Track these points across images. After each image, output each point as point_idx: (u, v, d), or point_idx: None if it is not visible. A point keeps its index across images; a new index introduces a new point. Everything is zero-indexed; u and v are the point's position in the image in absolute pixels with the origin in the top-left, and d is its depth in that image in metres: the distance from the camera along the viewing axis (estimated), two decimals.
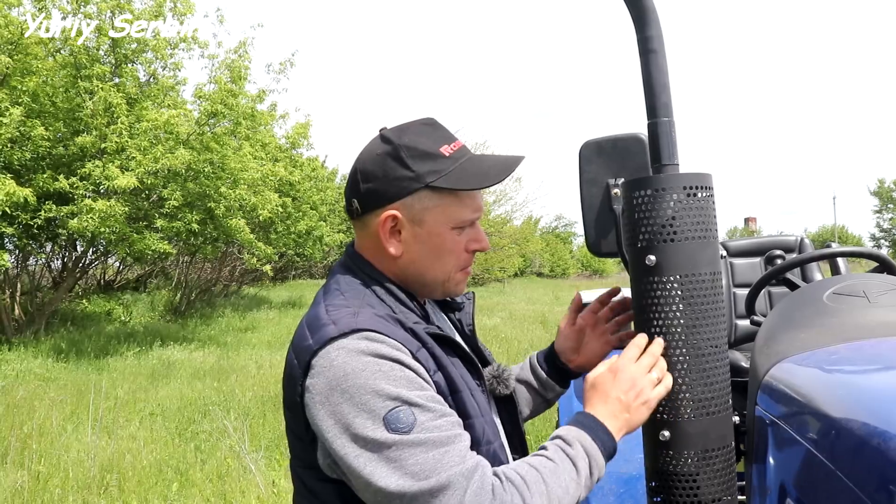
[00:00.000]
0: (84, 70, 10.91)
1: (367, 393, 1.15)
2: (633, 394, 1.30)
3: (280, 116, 16.61)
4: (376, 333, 1.21)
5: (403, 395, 1.16)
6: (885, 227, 62.09)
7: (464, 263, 1.40)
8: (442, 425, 1.17)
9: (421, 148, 1.32)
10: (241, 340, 12.81)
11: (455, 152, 1.34)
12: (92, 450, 5.42)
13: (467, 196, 1.34)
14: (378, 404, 1.15)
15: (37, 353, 10.37)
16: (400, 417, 1.15)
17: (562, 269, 54.92)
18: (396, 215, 1.32)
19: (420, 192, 1.31)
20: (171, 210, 11.63)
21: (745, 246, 4.13)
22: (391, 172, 1.31)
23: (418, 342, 1.27)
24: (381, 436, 1.14)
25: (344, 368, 1.17)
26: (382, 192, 1.32)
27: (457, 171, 1.32)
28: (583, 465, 1.22)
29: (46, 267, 14.75)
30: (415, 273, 1.37)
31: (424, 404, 1.17)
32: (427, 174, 1.31)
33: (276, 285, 25.96)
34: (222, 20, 13.44)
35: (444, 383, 1.28)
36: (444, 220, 1.33)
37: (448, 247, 1.35)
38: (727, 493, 1.37)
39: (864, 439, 1.07)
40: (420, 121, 1.39)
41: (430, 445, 1.14)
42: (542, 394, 1.69)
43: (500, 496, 1.14)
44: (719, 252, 1.40)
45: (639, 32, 1.43)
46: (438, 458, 1.14)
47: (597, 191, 1.60)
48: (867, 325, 1.64)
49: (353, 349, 1.19)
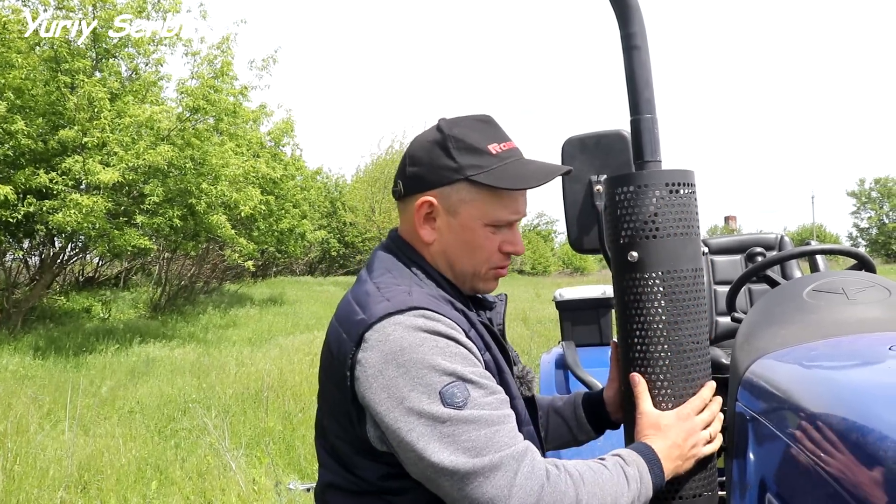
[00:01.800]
0: (64, 64, 10.79)
1: (423, 367, 1.18)
2: (690, 444, 1.34)
3: (264, 114, 16.53)
4: (432, 312, 1.24)
5: (458, 371, 1.19)
6: (862, 227, 62.84)
7: (496, 263, 1.41)
8: (493, 402, 1.20)
9: (468, 141, 1.35)
10: (222, 337, 12.72)
11: (503, 152, 1.36)
12: (70, 448, 5.36)
13: (506, 196, 1.36)
14: (434, 379, 1.17)
15: (13, 351, 10.23)
16: (455, 393, 1.17)
17: (543, 267, 55.03)
18: (433, 202, 1.35)
19: (459, 184, 1.34)
20: (151, 206, 11.53)
21: (725, 243, 4.16)
22: (436, 160, 1.35)
23: (469, 322, 1.30)
24: (436, 410, 1.16)
25: (401, 343, 1.19)
26: (424, 177, 1.36)
27: (499, 169, 1.34)
28: (634, 486, 1.25)
29: (23, 263, 14.58)
30: (444, 262, 1.39)
31: (478, 381, 1.20)
32: (468, 167, 1.33)
33: (257, 282, 25.82)
34: (205, 16, 13.34)
35: (493, 363, 1.31)
36: (478, 215, 1.35)
37: (479, 242, 1.37)
38: (707, 488, 1.38)
39: (842, 434, 1.08)
40: (476, 116, 1.42)
41: (483, 423, 1.17)
42: (575, 433, 1.69)
43: (554, 481, 1.17)
44: (701, 248, 1.40)
45: (622, 29, 1.43)
46: (490, 437, 1.16)
47: (579, 187, 1.60)
48: (846, 321, 1.65)
49: (409, 325, 1.21)
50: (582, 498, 1.17)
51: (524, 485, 1.14)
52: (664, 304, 1.33)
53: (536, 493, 1.14)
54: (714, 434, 1.38)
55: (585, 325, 3.83)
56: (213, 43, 12.93)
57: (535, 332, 12.81)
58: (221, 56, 12.52)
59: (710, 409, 1.38)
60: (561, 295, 3.91)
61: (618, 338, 1.44)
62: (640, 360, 1.37)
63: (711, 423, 1.38)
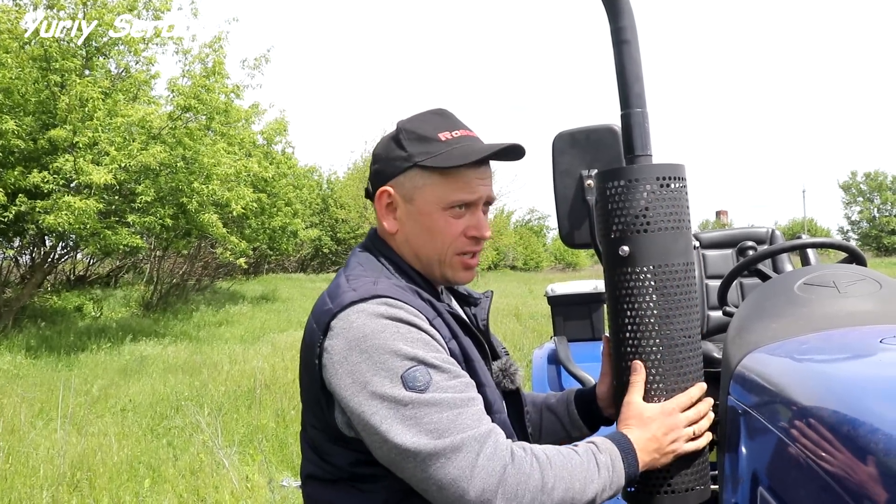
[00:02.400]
0: (55, 63, 10.73)
1: (385, 353, 1.20)
2: (670, 439, 1.34)
3: (255, 113, 16.48)
4: (394, 300, 1.27)
5: (420, 356, 1.21)
6: (853, 220, 63.13)
7: (460, 247, 1.42)
8: (456, 386, 1.22)
9: (419, 132, 1.40)
10: (215, 335, 12.70)
11: (453, 139, 1.40)
12: (62, 447, 5.34)
13: (457, 177, 1.38)
14: (396, 363, 1.20)
15: (5, 350, 10.19)
16: (416, 376, 1.19)
17: (535, 263, 55.04)
18: (390, 192, 1.40)
19: (410, 171, 1.38)
20: (142, 205, 11.49)
21: (717, 238, 4.16)
22: (390, 153, 1.41)
23: (435, 311, 1.32)
24: (398, 393, 1.18)
25: (363, 329, 1.23)
26: (382, 171, 1.42)
27: (446, 153, 1.37)
28: (605, 475, 1.25)
29: (14, 262, 14.51)
30: (410, 251, 1.43)
31: (440, 365, 1.22)
32: (417, 154, 1.38)
33: (249, 280, 25.77)
34: (196, 13, 13.31)
35: (459, 351, 1.32)
36: (433, 199, 1.38)
37: (439, 227, 1.39)
38: (700, 482, 1.38)
39: (834, 427, 1.08)
40: (432, 110, 1.47)
41: (445, 406, 1.18)
42: (569, 430, 1.69)
43: (518, 463, 1.17)
44: (692, 243, 1.40)
45: (612, 23, 1.43)
46: (453, 419, 1.18)
47: (570, 182, 1.60)
48: (837, 314, 1.65)
49: (371, 312, 1.24)
50: (547, 481, 1.18)
51: (486, 465, 1.15)
52: (655, 298, 1.33)
53: (498, 474, 1.15)
54: (699, 432, 1.37)
55: (577, 320, 3.83)
56: (204, 41, 12.89)
57: (528, 327, 12.81)
58: (213, 55, 12.48)
59: (696, 408, 1.38)
60: (553, 290, 3.91)
61: (609, 332, 1.44)
62: (631, 355, 1.37)
63: (697, 422, 1.38)
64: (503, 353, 1.58)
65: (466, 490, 1.14)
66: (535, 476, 1.17)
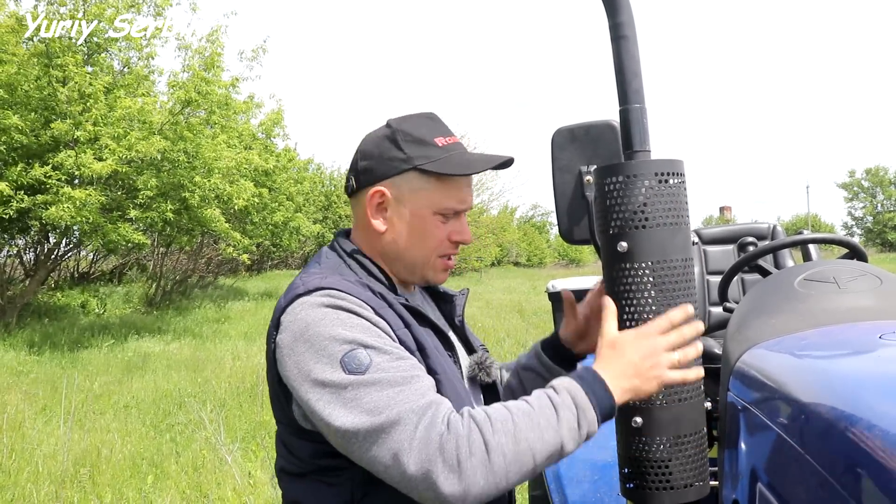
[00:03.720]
0: (56, 59, 10.74)
1: (325, 339, 1.22)
2: (650, 363, 1.25)
3: (255, 105, 16.46)
4: (337, 291, 1.28)
5: (359, 339, 1.22)
6: (857, 216, 62.99)
7: (444, 251, 1.44)
8: (399, 366, 1.21)
9: (416, 135, 1.41)
10: (218, 332, 12.72)
11: (448, 145, 1.42)
12: (65, 443, 5.36)
13: (452, 185, 1.41)
14: (335, 348, 1.21)
15: (9, 347, 10.22)
16: (356, 358, 1.19)
17: (538, 259, 55.05)
18: (384, 192, 1.40)
19: (408, 174, 1.39)
20: (144, 200, 11.50)
21: (718, 233, 4.16)
22: (385, 153, 1.41)
23: (384, 303, 1.33)
24: (338, 377, 1.19)
25: (305, 320, 1.24)
26: (375, 169, 1.41)
27: (444, 159, 1.39)
28: (567, 414, 1.18)
29: (18, 259, 14.54)
30: (395, 251, 1.43)
31: (381, 347, 1.22)
32: (417, 157, 1.39)
33: (252, 276, 25.80)
34: (195, 8, 13.27)
35: (411, 339, 1.32)
36: (427, 203, 1.40)
37: (429, 230, 1.41)
38: (699, 478, 1.38)
39: (832, 423, 1.08)
40: (422, 114, 1.48)
41: (386, 384, 1.18)
42: (547, 378, 1.62)
43: (455, 429, 1.14)
44: (691, 238, 1.40)
45: (610, 18, 1.42)
46: (393, 396, 1.16)
47: (569, 178, 1.59)
48: (837, 310, 1.65)
49: (313, 303, 1.26)
50: (490, 440, 1.13)
51: (424, 436, 1.13)
52: (654, 294, 1.32)
53: (436, 443, 1.12)
54: (684, 361, 1.27)
55: None
56: (203, 35, 12.88)
57: (531, 323, 12.84)
58: (210, 47, 12.47)
59: (679, 331, 1.27)
60: (554, 286, 3.91)
61: None
62: None
63: (681, 347, 1.27)
64: (480, 349, 1.58)
65: (407, 464, 1.12)
66: (475, 439, 1.13)
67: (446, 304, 1.60)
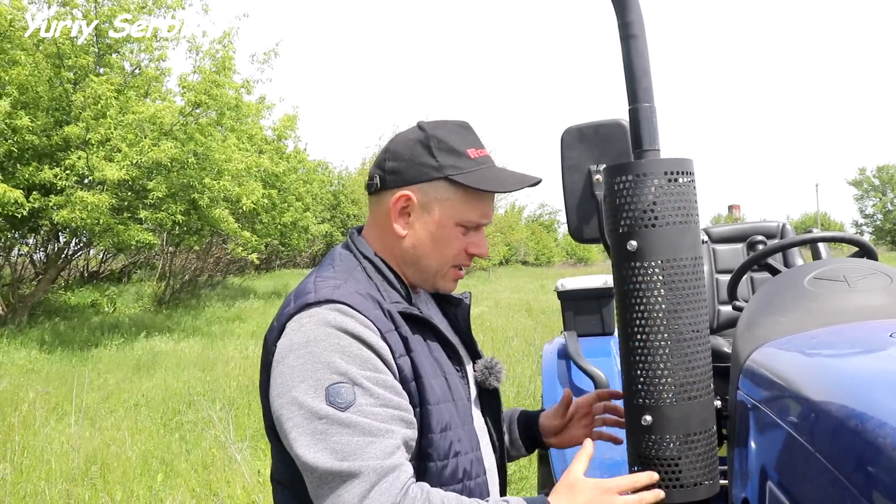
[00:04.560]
0: (68, 60, 10.78)
1: (318, 362, 1.19)
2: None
3: (266, 107, 16.49)
4: (349, 308, 1.25)
5: (351, 373, 1.19)
6: (867, 213, 62.67)
7: (459, 262, 1.44)
8: (379, 414, 1.19)
9: (450, 143, 1.39)
10: (227, 331, 12.75)
11: (479, 158, 1.41)
12: (76, 441, 5.39)
13: (479, 199, 1.40)
14: (325, 375, 1.18)
15: (20, 345, 10.28)
16: (341, 392, 1.17)
17: (546, 258, 54.97)
18: (410, 196, 1.39)
19: (437, 182, 1.38)
20: (154, 201, 11.54)
21: (727, 232, 4.15)
22: (417, 157, 1.39)
23: (392, 324, 1.30)
24: (316, 405, 1.17)
25: (307, 335, 1.22)
26: (404, 172, 1.39)
27: (476, 172, 1.38)
28: None
29: (29, 258, 14.62)
30: (413, 257, 1.42)
31: (370, 388, 1.20)
32: (448, 167, 1.38)
33: (260, 275, 25.85)
34: (207, 10, 13.31)
35: (409, 368, 1.29)
36: (452, 214, 1.39)
37: (449, 240, 1.40)
38: (709, 476, 1.38)
39: (842, 422, 1.08)
40: (456, 121, 1.46)
41: (359, 430, 1.16)
42: (507, 449, 1.71)
43: (411, 500, 1.14)
44: (700, 237, 1.40)
45: (619, 18, 1.42)
46: (362, 446, 1.15)
47: (579, 177, 1.60)
48: (847, 309, 1.65)
49: (321, 319, 1.23)
50: None
51: (377, 499, 1.12)
52: (664, 292, 1.33)
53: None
54: None
55: (587, 314, 3.83)
56: (214, 37, 12.91)
57: (539, 322, 12.82)
58: (223, 50, 12.50)
59: (639, 497, 1.29)
60: (563, 285, 3.90)
61: (618, 327, 1.44)
62: (640, 350, 1.36)
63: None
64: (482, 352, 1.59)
65: None
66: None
67: (451, 307, 1.60)
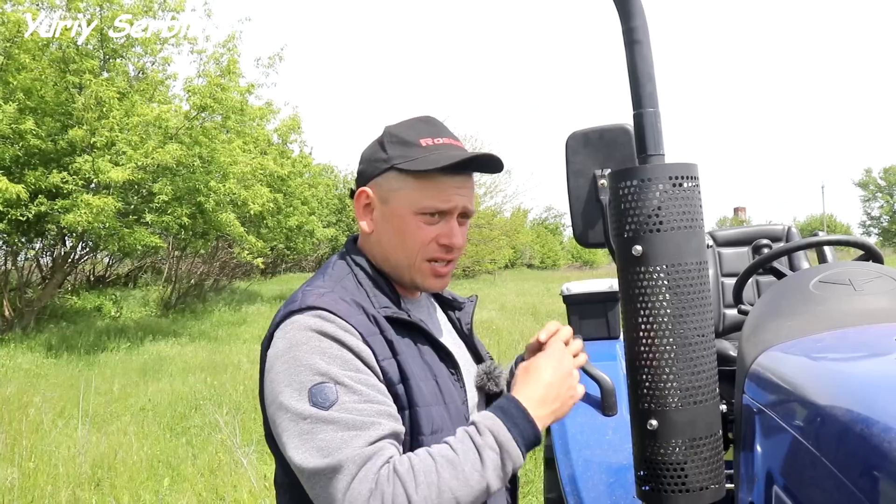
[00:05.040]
0: (73, 65, 10.83)
1: (300, 365, 1.21)
2: (567, 385, 1.34)
3: (271, 112, 16.55)
4: (329, 313, 1.26)
5: (332, 373, 1.20)
6: (873, 215, 62.48)
7: (430, 254, 1.41)
8: (363, 409, 1.19)
9: (401, 136, 1.41)
10: (233, 335, 12.77)
11: (433, 145, 1.39)
12: (83, 445, 5.41)
13: (431, 184, 1.37)
14: (307, 377, 1.20)
15: (27, 350, 10.31)
16: (324, 391, 1.19)
17: (552, 261, 54.96)
18: (368, 193, 1.42)
19: (388, 173, 1.40)
20: (160, 204, 11.58)
21: (732, 235, 4.15)
22: (373, 155, 1.43)
23: (376, 328, 1.31)
24: (301, 407, 1.18)
25: (290, 341, 1.24)
26: (364, 171, 1.45)
27: (422, 158, 1.37)
28: (490, 455, 1.20)
29: (35, 263, 14.67)
30: (381, 252, 1.43)
31: (352, 385, 1.21)
32: (396, 157, 1.39)
33: (266, 279, 25.89)
34: (210, 14, 13.37)
35: (396, 370, 1.29)
36: (406, 203, 1.39)
37: (410, 231, 1.39)
38: (715, 481, 1.38)
39: (848, 426, 1.08)
40: (419, 117, 1.48)
41: (342, 426, 1.17)
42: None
43: (381, 486, 1.14)
44: (705, 241, 1.40)
45: (623, 23, 1.43)
46: (345, 440, 1.16)
47: (584, 181, 1.60)
48: (853, 312, 1.65)
49: (302, 324, 1.26)
50: (411, 495, 1.14)
51: (356, 488, 1.13)
52: (669, 297, 1.33)
53: (365, 498, 1.13)
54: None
55: (593, 318, 3.82)
56: (218, 41, 12.96)
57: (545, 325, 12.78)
58: (227, 54, 12.54)
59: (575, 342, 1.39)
60: (568, 289, 3.90)
61: (623, 331, 1.45)
62: (645, 354, 1.37)
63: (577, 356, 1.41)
64: (487, 358, 1.59)
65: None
66: (398, 494, 1.13)
67: (455, 311, 1.60)
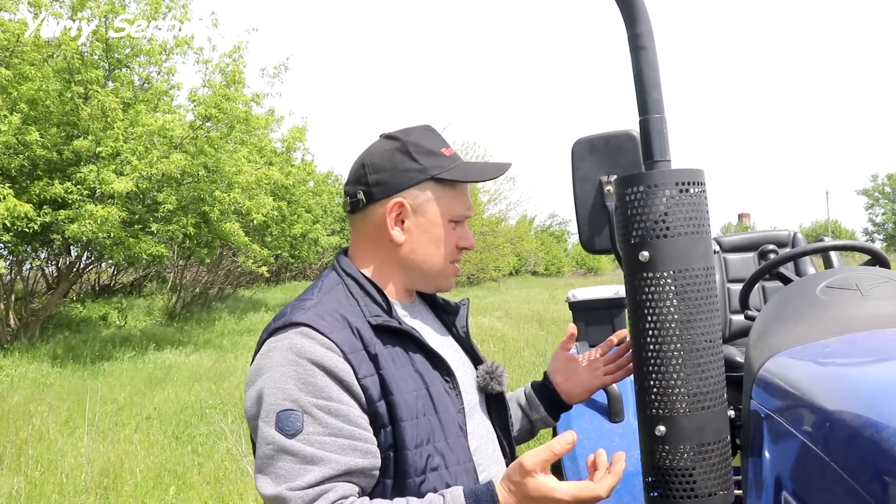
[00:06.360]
0: (77, 74, 10.88)
1: (273, 388, 1.24)
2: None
3: (275, 121, 16.58)
4: (312, 330, 1.27)
5: (303, 402, 1.22)
6: (878, 222, 62.34)
7: (454, 257, 1.49)
8: (326, 443, 1.21)
9: (426, 146, 1.45)
10: (238, 343, 12.78)
11: (452, 155, 1.47)
12: (88, 455, 5.41)
13: (463, 193, 1.46)
14: (277, 401, 1.23)
15: (32, 359, 10.33)
16: (290, 419, 1.21)
17: (556, 268, 54.92)
18: (403, 203, 1.42)
19: (425, 184, 1.43)
20: (165, 214, 11.60)
21: (738, 241, 4.14)
22: (400, 165, 1.43)
23: (360, 343, 1.31)
24: (267, 431, 1.22)
25: (270, 360, 1.27)
26: (391, 182, 1.42)
27: (456, 168, 1.45)
28: None
29: (41, 272, 14.70)
30: (414, 261, 1.45)
31: (320, 417, 1.22)
32: (432, 167, 1.43)
33: (271, 287, 25.89)
34: (217, 24, 13.43)
35: (377, 386, 1.30)
36: (443, 211, 1.44)
37: (445, 238, 1.45)
38: (723, 487, 1.38)
39: (857, 431, 1.08)
40: (421, 126, 1.52)
41: (301, 458, 1.19)
42: (527, 413, 1.72)
43: None
44: (712, 247, 1.40)
45: (629, 29, 1.43)
46: (300, 472, 1.18)
47: (590, 188, 1.61)
48: (860, 317, 1.64)
49: (284, 344, 1.27)
50: None
51: None
52: (676, 303, 1.33)
53: None
54: None
55: (599, 325, 3.82)
56: (224, 51, 13.01)
57: (550, 332, 12.79)
58: (233, 64, 12.58)
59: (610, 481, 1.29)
60: (574, 296, 3.90)
61: (630, 337, 1.45)
62: (653, 360, 1.37)
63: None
64: (485, 359, 1.60)
65: None
66: None
67: (449, 315, 1.61)
